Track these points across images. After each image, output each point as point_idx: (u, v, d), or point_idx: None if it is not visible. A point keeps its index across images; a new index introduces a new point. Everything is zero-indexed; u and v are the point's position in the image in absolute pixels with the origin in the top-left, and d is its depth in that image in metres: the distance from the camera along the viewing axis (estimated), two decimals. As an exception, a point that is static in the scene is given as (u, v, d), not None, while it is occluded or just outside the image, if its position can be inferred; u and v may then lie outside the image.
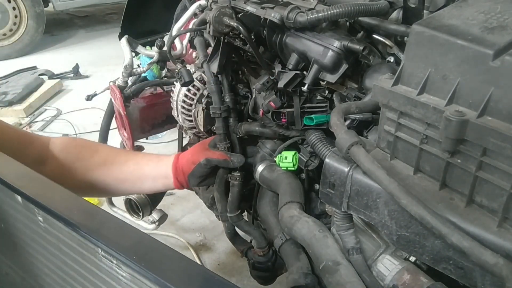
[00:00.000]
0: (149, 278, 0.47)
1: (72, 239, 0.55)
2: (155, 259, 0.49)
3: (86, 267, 0.56)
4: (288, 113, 1.00)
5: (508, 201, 0.55)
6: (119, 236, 0.54)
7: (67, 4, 5.01)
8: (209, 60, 1.11)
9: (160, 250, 0.51)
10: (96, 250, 0.52)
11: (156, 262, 0.49)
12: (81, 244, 0.54)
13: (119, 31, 1.63)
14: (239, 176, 1.12)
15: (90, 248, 0.53)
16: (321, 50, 0.90)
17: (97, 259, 0.53)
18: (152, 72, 1.63)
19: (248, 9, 1.00)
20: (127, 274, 0.50)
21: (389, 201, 0.64)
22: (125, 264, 0.49)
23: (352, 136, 0.66)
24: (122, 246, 0.51)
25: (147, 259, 0.49)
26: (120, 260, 0.50)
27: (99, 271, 0.54)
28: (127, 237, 0.54)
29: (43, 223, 0.59)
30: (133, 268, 0.49)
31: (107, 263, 0.52)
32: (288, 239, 0.96)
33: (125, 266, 0.50)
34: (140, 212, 1.44)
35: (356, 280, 0.70)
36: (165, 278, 0.46)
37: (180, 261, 0.50)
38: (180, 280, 0.47)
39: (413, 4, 0.86)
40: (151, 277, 0.47)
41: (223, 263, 1.92)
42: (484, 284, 0.57)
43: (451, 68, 0.58)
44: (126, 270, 0.50)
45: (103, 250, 0.51)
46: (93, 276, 0.56)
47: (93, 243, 0.52)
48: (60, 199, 0.59)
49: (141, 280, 0.48)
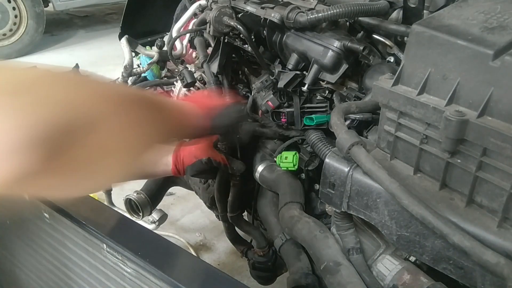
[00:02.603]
0: (154, 274, 0.47)
1: (77, 235, 0.55)
2: (159, 255, 0.49)
3: (91, 263, 0.57)
4: (288, 113, 1.00)
5: (508, 201, 0.55)
6: (124, 233, 0.54)
7: (67, 4, 5.00)
8: (209, 60, 1.11)
9: (165, 246, 0.52)
10: (101, 246, 0.52)
11: (160, 258, 0.49)
12: (86, 240, 0.54)
13: (119, 31, 1.63)
14: (239, 176, 1.12)
15: (95, 244, 0.53)
16: (321, 50, 0.90)
17: (102, 255, 0.53)
18: (152, 72, 1.63)
19: (248, 9, 1.00)
20: (132, 270, 0.50)
21: (389, 201, 0.64)
22: (130, 260, 0.50)
23: (353, 136, 0.66)
24: (127, 242, 0.51)
25: (152, 255, 0.49)
26: (125, 256, 0.50)
27: (104, 267, 0.55)
28: (132, 233, 0.54)
29: (48, 219, 0.59)
30: (138, 264, 0.49)
31: (112, 259, 0.52)
32: (289, 239, 0.96)
33: (130, 262, 0.50)
34: (140, 212, 1.43)
35: (357, 280, 0.70)
36: (170, 274, 0.46)
37: (185, 257, 0.51)
38: (184, 276, 0.47)
39: (413, 4, 0.86)
40: (156, 272, 0.47)
41: (223, 263, 1.92)
42: (484, 284, 0.57)
43: (451, 68, 0.58)
44: (131, 266, 0.50)
45: (108, 246, 0.51)
46: (97, 272, 0.56)
47: (98, 239, 0.52)
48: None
49: (145, 275, 0.48)
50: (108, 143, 0.51)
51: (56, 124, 0.43)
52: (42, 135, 0.41)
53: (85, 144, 0.47)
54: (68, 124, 0.44)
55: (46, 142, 0.41)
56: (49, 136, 0.42)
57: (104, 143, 0.51)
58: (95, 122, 0.48)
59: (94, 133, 0.48)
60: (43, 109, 0.42)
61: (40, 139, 0.41)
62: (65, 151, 0.45)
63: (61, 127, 0.43)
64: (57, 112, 0.43)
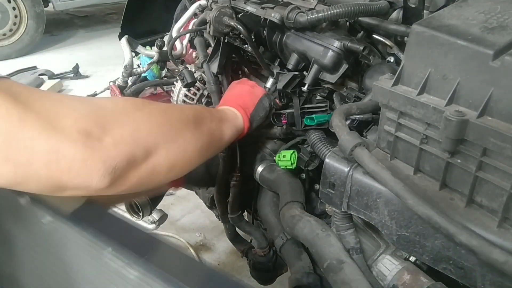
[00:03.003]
0: (159, 278, 0.47)
1: (80, 239, 0.55)
2: (164, 259, 0.49)
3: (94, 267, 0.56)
4: (289, 114, 1.00)
5: (508, 201, 0.55)
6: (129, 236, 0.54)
7: (67, 4, 5.00)
8: (209, 60, 1.11)
9: (170, 250, 0.51)
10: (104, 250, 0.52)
11: (165, 262, 0.49)
12: (89, 244, 0.54)
13: (119, 31, 1.63)
14: (239, 176, 1.12)
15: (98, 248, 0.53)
16: (321, 50, 0.90)
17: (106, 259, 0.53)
18: (152, 72, 1.63)
19: (248, 9, 1.00)
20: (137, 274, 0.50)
21: (389, 201, 0.64)
22: (134, 264, 0.49)
23: (355, 137, 0.66)
24: (131, 246, 0.51)
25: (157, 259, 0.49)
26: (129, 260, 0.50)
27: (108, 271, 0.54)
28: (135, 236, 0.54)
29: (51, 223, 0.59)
30: (142, 268, 0.49)
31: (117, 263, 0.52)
32: (289, 239, 0.96)
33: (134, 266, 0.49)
34: (140, 212, 1.43)
35: (361, 278, 0.70)
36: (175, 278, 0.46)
37: (190, 262, 0.50)
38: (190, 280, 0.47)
39: (413, 4, 0.86)
40: (161, 277, 0.47)
41: (223, 263, 1.92)
42: (484, 284, 0.57)
43: (451, 68, 0.58)
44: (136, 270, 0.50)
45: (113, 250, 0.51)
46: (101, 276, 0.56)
47: (101, 242, 0.52)
48: (67, 199, 0.59)
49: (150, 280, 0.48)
50: (159, 167, 0.64)
51: (126, 159, 0.57)
52: (116, 166, 0.55)
53: (140, 169, 0.60)
54: (132, 157, 0.58)
55: (115, 172, 0.55)
56: (119, 168, 0.56)
57: (156, 168, 0.63)
58: (149, 151, 0.61)
59: (147, 161, 0.61)
60: (124, 147, 0.57)
61: (113, 170, 0.55)
62: (123, 178, 0.58)
63: (129, 161, 0.58)
64: (131, 150, 0.58)
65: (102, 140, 0.54)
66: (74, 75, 4.07)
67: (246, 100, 0.96)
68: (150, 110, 0.66)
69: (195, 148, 0.72)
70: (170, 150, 0.66)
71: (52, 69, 4.06)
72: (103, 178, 0.54)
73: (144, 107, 0.66)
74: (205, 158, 0.80)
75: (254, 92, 0.97)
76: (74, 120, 0.53)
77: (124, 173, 0.58)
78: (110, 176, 0.55)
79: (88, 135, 0.53)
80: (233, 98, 0.97)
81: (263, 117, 0.97)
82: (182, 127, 0.71)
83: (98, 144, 0.54)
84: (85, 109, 0.57)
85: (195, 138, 0.72)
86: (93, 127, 0.54)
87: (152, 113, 0.66)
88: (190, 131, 0.72)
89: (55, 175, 0.52)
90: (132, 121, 0.61)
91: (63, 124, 0.52)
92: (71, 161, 0.52)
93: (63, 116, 0.53)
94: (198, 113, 0.79)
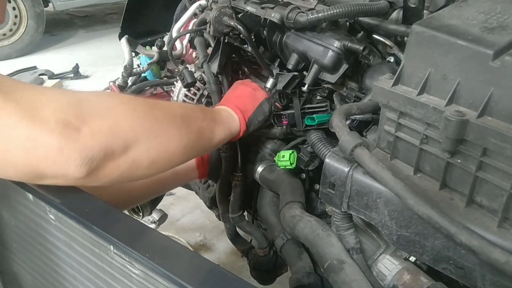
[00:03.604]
0: (162, 276, 0.47)
1: (83, 236, 0.55)
2: (168, 257, 0.49)
3: (97, 265, 0.56)
4: (289, 115, 1.00)
5: (508, 201, 0.55)
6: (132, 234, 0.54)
7: (67, 4, 5.00)
8: (209, 60, 1.11)
9: (173, 247, 0.51)
10: (108, 247, 0.52)
11: (169, 259, 0.49)
12: (93, 241, 0.54)
13: (119, 31, 1.63)
14: (241, 176, 1.12)
15: (102, 245, 0.53)
16: (321, 50, 0.90)
17: (109, 257, 0.53)
18: (152, 72, 1.64)
19: (248, 9, 1.00)
20: (140, 271, 0.50)
21: (389, 201, 0.64)
22: (137, 261, 0.49)
23: (356, 137, 0.66)
24: (134, 244, 0.51)
25: (160, 256, 0.49)
26: (132, 257, 0.50)
27: (111, 269, 0.54)
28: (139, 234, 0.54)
29: (54, 221, 0.59)
30: (146, 266, 0.49)
31: (119, 261, 0.52)
32: (290, 239, 0.96)
33: (137, 264, 0.49)
34: (140, 212, 1.43)
35: (362, 278, 0.70)
36: (179, 276, 0.46)
37: (194, 258, 0.50)
38: (193, 277, 0.47)
39: (413, 4, 0.86)
40: (164, 274, 0.47)
41: (223, 263, 1.92)
42: (484, 284, 0.57)
43: (451, 68, 0.58)
44: (139, 267, 0.50)
45: (115, 248, 0.51)
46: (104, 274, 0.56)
47: (105, 240, 0.52)
48: (71, 197, 0.59)
49: (153, 277, 0.48)
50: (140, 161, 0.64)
51: (104, 150, 0.57)
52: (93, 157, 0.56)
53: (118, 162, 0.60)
54: (110, 149, 0.58)
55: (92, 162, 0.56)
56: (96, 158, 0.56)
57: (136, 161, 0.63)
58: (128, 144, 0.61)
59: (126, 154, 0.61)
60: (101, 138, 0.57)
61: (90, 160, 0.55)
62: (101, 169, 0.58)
63: (106, 152, 0.58)
64: (109, 142, 0.58)
65: (80, 131, 0.55)
66: (74, 75, 4.08)
67: (247, 103, 0.96)
68: (134, 105, 0.66)
69: (179, 144, 0.72)
70: (152, 145, 0.66)
71: (52, 69, 4.06)
72: (79, 167, 0.55)
73: (129, 102, 0.66)
74: (191, 156, 0.80)
75: (255, 95, 0.98)
76: (53, 110, 0.54)
77: (102, 164, 0.58)
78: (86, 166, 0.55)
79: (66, 125, 0.54)
80: (233, 99, 0.97)
81: (262, 121, 0.98)
82: (167, 124, 0.71)
83: (75, 134, 0.54)
84: (66, 100, 0.57)
85: (181, 135, 0.72)
86: (72, 118, 0.55)
87: (136, 108, 0.66)
88: (175, 128, 0.72)
89: (32, 162, 0.53)
90: (113, 114, 0.61)
91: (42, 113, 0.53)
92: (48, 149, 0.52)
93: (43, 106, 0.54)
94: (188, 111, 0.79)
